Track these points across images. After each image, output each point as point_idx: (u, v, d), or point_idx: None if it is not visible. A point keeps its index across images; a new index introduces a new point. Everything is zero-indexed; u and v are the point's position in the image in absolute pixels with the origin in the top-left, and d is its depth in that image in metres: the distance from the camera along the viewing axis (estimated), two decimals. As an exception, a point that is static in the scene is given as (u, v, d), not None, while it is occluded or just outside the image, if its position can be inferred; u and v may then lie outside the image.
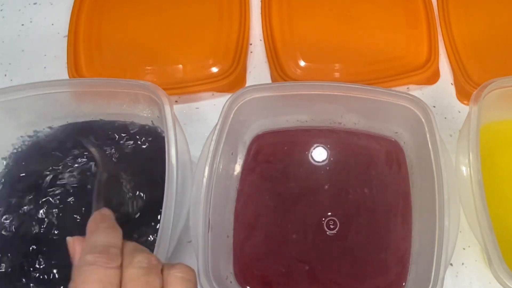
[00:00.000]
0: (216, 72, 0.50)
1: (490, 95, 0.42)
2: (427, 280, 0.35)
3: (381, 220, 0.43)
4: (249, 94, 0.42)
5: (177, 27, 0.52)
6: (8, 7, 0.57)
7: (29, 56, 0.54)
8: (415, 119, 0.41)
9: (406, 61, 0.50)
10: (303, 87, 0.42)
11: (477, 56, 0.50)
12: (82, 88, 0.42)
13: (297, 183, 0.45)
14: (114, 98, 0.43)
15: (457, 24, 0.52)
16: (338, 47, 0.51)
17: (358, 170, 0.45)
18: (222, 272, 0.40)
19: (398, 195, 0.44)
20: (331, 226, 0.43)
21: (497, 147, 0.46)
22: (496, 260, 0.36)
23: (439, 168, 0.38)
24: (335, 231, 0.43)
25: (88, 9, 0.54)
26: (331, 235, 0.43)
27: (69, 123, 0.46)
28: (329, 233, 0.43)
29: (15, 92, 0.41)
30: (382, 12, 0.53)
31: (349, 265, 0.42)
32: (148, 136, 0.45)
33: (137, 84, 0.40)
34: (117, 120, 0.46)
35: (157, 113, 0.43)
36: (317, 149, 0.46)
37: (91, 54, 0.52)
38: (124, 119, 0.46)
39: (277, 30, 0.52)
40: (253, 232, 0.43)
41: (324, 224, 0.43)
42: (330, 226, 0.43)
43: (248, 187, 0.45)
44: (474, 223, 0.40)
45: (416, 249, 0.41)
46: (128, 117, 0.45)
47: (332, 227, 0.43)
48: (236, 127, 0.42)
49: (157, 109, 0.41)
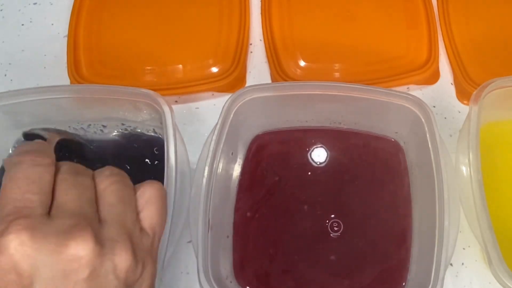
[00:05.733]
0: (216, 72, 0.50)
1: (490, 95, 0.42)
2: (427, 280, 0.35)
3: (381, 220, 0.43)
4: (249, 94, 0.42)
5: (177, 27, 0.52)
6: (8, 7, 0.57)
7: (29, 56, 0.54)
8: (415, 119, 0.41)
9: (406, 61, 0.50)
10: (303, 87, 0.42)
11: (477, 56, 0.50)
12: (84, 94, 0.42)
13: (297, 183, 0.45)
14: (117, 104, 0.43)
15: (457, 24, 0.52)
16: (338, 47, 0.51)
17: (358, 170, 0.45)
18: (222, 272, 0.40)
19: (398, 195, 0.44)
20: (335, 228, 0.43)
21: (497, 147, 0.46)
22: (496, 260, 0.36)
23: (439, 168, 0.38)
24: (338, 233, 0.43)
25: (88, 9, 0.54)
26: (335, 237, 0.43)
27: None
28: (333, 235, 0.43)
29: (16, 96, 0.41)
30: (382, 12, 0.53)
31: (349, 265, 0.42)
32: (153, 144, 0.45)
33: (139, 92, 0.40)
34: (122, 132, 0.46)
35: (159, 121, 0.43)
36: (317, 149, 0.46)
37: (91, 54, 0.52)
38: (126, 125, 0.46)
39: (277, 30, 0.52)
40: (253, 232, 0.43)
41: (328, 226, 0.43)
42: (334, 228, 0.43)
43: (248, 187, 0.45)
44: (474, 223, 0.40)
45: (416, 249, 0.41)
46: (130, 123, 0.46)
47: (336, 229, 0.43)
48: (236, 127, 0.42)
49: (159, 117, 0.41)
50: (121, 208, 0.26)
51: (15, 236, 0.22)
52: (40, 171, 0.25)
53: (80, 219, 0.24)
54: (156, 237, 0.28)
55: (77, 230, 0.23)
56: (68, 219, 0.24)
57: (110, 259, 0.24)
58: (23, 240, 0.22)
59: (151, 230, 0.28)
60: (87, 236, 0.23)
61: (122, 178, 0.28)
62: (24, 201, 0.24)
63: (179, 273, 0.43)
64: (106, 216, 0.26)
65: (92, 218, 0.25)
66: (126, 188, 0.28)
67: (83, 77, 0.50)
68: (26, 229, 0.23)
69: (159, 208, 0.28)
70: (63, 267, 0.23)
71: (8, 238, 0.22)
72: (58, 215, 0.24)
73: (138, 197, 0.28)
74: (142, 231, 0.27)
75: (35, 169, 0.25)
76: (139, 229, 0.27)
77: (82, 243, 0.23)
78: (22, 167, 0.25)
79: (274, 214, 0.44)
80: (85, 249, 0.23)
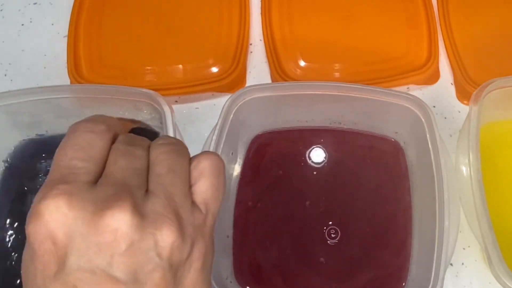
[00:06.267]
0: (216, 72, 0.50)
1: (490, 95, 0.42)
2: (427, 280, 0.35)
3: (381, 220, 0.43)
4: (249, 94, 0.42)
5: (177, 27, 0.52)
6: (8, 7, 0.57)
7: (29, 56, 0.54)
8: (415, 119, 0.41)
9: (406, 61, 0.50)
10: (303, 87, 0.42)
11: (477, 56, 0.50)
12: (84, 94, 0.43)
13: (297, 183, 0.45)
14: (117, 105, 0.43)
15: (457, 24, 0.52)
16: (338, 47, 0.51)
17: (358, 170, 0.45)
18: (222, 272, 0.40)
19: (397, 195, 0.44)
20: (332, 234, 0.43)
21: (497, 147, 0.46)
22: (496, 260, 0.36)
23: (439, 168, 0.38)
24: (337, 237, 0.43)
25: (88, 9, 0.54)
26: (333, 236, 0.43)
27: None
28: (330, 241, 0.43)
29: (16, 96, 0.41)
30: (382, 12, 0.53)
31: (349, 265, 0.42)
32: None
33: (139, 92, 0.40)
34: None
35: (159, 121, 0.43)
36: (317, 149, 0.46)
37: (91, 54, 0.52)
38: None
39: (277, 30, 0.52)
40: (253, 232, 0.43)
41: (326, 232, 0.43)
42: (331, 234, 0.43)
43: (248, 187, 0.45)
44: (474, 223, 0.40)
45: (416, 249, 0.41)
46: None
47: (332, 234, 0.43)
48: (236, 127, 0.42)
49: (159, 117, 0.41)
50: (170, 179, 0.24)
51: (52, 201, 0.21)
52: (91, 138, 0.24)
53: (122, 188, 0.22)
54: (210, 213, 0.25)
55: (115, 200, 0.21)
56: (110, 188, 0.22)
57: (152, 233, 0.21)
58: (59, 206, 0.21)
59: (204, 205, 0.25)
60: (125, 206, 0.21)
61: (175, 147, 0.25)
62: (70, 167, 0.22)
63: (179, 273, 0.43)
64: (153, 187, 0.23)
65: (137, 188, 0.23)
66: (179, 158, 0.25)
67: (83, 77, 0.50)
68: (64, 195, 0.21)
69: (214, 182, 0.25)
70: (97, 238, 0.21)
71: (45, 203, 0.21)
72: (102, 183, 0.22)
73: (192, 169, 0.25)
74: (194, 206, 0.24)
75: (86, 135, 0.24)
76: (190, 204, 0.24)
77: (118, 214, 0.21)
78: (75, 134, 0.24)
79: (274, 214, 0.44)
80: (121, 220, 0.21)
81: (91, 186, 0.22)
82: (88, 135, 0.24)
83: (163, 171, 0.24)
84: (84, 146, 0.23)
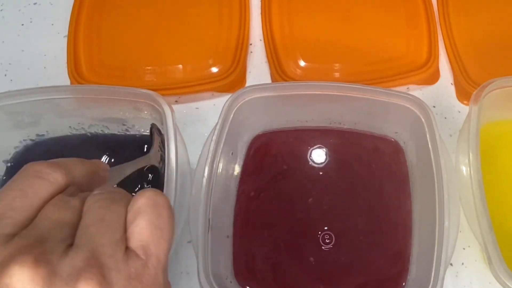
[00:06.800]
0: (216, 72, 0.50)
1: (490, 95, 0.42)
2: (427, 280, 0.35)
3: (381, 219, 0.43)
4: (249, 94, 0.42)
5: (177, 27, 0.52)
6: (8, 7, 0.57)
7: (29, 56, 0.54)
8: (415, 119, 0.41)
9: (406, 61, 0.50)
10: (303, 87, 0.42)
11: (477, 56, 0.50)
12: (84, 94, 0.43)
13: (297, 183, 0.45)
14: (117, 105, 0.43)
15: (457, 24, 0.52)
16: (338, 47, 0.51)
17: (358, 170, 0.45)
18: (222, 272, 0.40)
19: (397, 195, 0.44)
20: (331, 235, 0.43)
21: (497, 147, 0.46)
22: (496, 260, 0.36)
23: (439, 168, 0.38)
24: (336, 238, 0.43)
25: (88, 9, 0.54)
26: (332, 237, 0.43)
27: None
28: (327, 246, 0.43)
29: (16, 96, 0.41)
30: (382, 12, 0.53)
31: (349, 264, 0.42)
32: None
33: (139, 92, 0.40)
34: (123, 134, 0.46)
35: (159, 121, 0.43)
36: (317, 149, 0.46)
37: (91, 54, 0.52)
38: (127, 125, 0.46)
39: (277, 30, 0.52)
40: (253, 232, 0.43)
41: (320, 237, 0.43)
42: (330, 236, 0.43)
43: (248, 187, 0.45)
44: (474, 223, 0.40)
45: (416, 249, 0.41)
46: (131, 122, 0.46)
47: (328, 238, 0.43)
48: (236, 127, 0.42)
49: (159, 117, 0.41)
50: (96, 229, 0.22)
51: None
52: (38, 184, 0.23)
53: (34, 242, 0.20)
54: (153, 257, 0.22)
55: (18, 255, 0.20)
56: (23, 241, 0.20)
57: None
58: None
59: (141, 249, 0.22)
60: (25, 263, 0.19)
61: (110, 195, 0.24)
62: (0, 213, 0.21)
63: (179, 273, 0.43)
64: (77, 240, 0.22)
65: (58, 242, 0.21)
66: (112, 205, 0.23)
67: (83, 77, 0.50)
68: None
69: (153, 220, 0.23)
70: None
71: None
72: (20, 235, 0.21)
73: (128, 211, 0.23)
74: (129, 252, 0.22)
75: (33, 181, 0.22)
76: (123, 251, 0.22)
77: (16, 271, 0.19)
78: (21, 175, 0.23)
79: (274, 214, 0.44)
80: (20, 280, 0.19)
81: (8, 239, 0.21)
82: (36, 182, 0.22)
83: (90, 221, 0.22)
84: (27, 193, 0.22)
